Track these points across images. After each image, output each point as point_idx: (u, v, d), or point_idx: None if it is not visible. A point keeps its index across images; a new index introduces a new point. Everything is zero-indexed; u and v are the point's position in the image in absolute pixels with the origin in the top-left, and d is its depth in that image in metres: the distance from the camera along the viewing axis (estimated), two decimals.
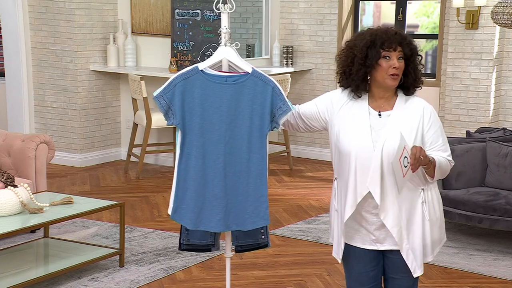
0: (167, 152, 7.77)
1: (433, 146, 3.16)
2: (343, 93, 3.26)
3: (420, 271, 3.21)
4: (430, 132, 3.16)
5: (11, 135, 5.81)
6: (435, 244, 3.25)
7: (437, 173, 3.14)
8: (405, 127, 3.12)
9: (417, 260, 3.20)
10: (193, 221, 3.44)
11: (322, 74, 8.31)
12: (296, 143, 8.46)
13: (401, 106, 3.17)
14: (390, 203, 3.12)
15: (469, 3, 7.15)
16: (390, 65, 3.11)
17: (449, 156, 3.20)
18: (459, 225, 5.89)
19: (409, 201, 3.15)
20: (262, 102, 3.34)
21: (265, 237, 3.59)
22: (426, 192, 3.18)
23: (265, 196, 3.41)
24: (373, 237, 3.21)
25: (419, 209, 3.16)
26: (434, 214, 3.21)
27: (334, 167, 3.28)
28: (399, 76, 3.13)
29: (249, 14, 8.80)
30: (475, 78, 7.28)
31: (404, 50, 3.13)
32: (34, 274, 4.55)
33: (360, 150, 3.11)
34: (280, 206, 6.48)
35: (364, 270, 3.30)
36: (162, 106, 3.36)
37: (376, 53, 3.12)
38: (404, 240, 3.16)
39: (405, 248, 3.17)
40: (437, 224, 3.23)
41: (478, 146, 5.68)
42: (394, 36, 3.14)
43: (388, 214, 3.13)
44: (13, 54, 8.02)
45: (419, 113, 3.15)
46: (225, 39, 3.45)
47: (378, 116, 3.17)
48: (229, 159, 3.39)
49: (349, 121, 3.18)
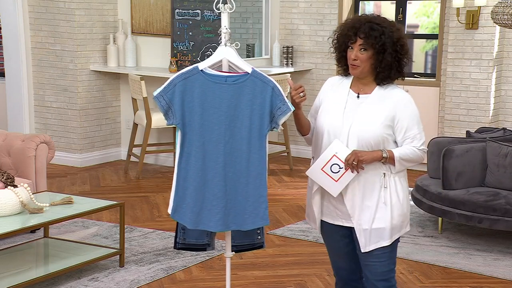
0: (167, 152, 7.77)
1: (407, 134, 3.28)
2: (337, 76, 3.46)
3: (369, 248, 3.31)
4: (404, 121, 3.28)
5: (11, 135, 5.81)
6: (393, 231, 3.33)
7: (398, 165, 3.28)
8: (377, 111, 3.26)
9: (366, 238, 3.32)
10: (193, 220, 3.44)
11: (322, 74, 8.31)
12: (296, 143, 8.46)
13: (380, 92, 3.31)
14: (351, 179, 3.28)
15: (469, 3, 7.15)
16: (349, 56, 3.30)
17: (422, 146, 3.31)
18: (459, 225, 5.89)
19: (368, 182, 3.28)
20: (262, 103, 3.35)
21: (261, 237, 3.62)
22: (388, 178, 3.30)
23: (264, 196, 3.41)
24: (339, 212, 3.36)
25: (376, 192, 3.29)
26: (397, 200, 3.31)
27: (312, 147, 3.45)
28: (359, 67, 3.27)
29: (249, 14, 8.80)
30: (475, 78, 7.28)
31: (368, 41, 3.24)
32: (34, 274, 4.55)
33: (331, 127, 3.29)
34: (280, 206, 6.48)
35: (337, 245, 3.48)
36: (162, 106, 3.37)
37: (342, 42, 3.32)
38: (355, 217, 3.31)
39: (356, 224, 3.32)
40: (398, 212, 3.32)
41: (478, 146, 5.68)
42: (352, 29, 3.27)
43: (348, 190, 3.28)
44: (13, 54, 8.02)
45: (394, 100, 3.28)
46: (225, 39, 3.45)
47: (357, 98, 3.33)
48: (229, 159, 3.39)
49: (330, 102, 3.36)
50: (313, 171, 3.30)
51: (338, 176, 3.24)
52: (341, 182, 3.26)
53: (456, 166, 5.57)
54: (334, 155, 3.23)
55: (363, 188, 3.28)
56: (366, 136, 3.25)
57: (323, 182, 3.29)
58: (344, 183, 3.26)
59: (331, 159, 3.24)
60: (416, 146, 3.29)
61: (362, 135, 3.25)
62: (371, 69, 3.29)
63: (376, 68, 3.28)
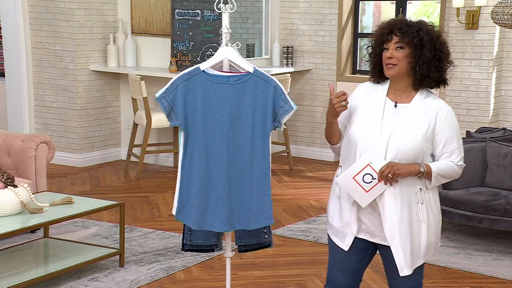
0: (167, 152, 7.77)
1: (446, 148, 3.11)
2: (369, 83, 3.25)
3: (408, 271, 3.15)
4: (444, 134, 3.11)
5: (11, 135, 5.80)
6: (428, 248, 3.18)
7: (434, 181, 3.11)
8: (417, 122, 3.08)
9: (406, 260, 3.13)
10: (197, 221, 3.44)
11: (322, 74, 8.31)
12: (296, 143, 8.46)
13: (419, 102, 3.12)
14: (387, 194, 3.08)
15: (469, 3, 7.15)
16: (385, 56, 3.10)
17: (460, 161, 3.14)
18: (459, 225, 5.89)
19: (405, 198, 3.09)
20: (264, 102, 3.35)
21: (268, 236, 3.59)
22: (424, 193, 3.13)
23: (268, 196, 3.41)
24: (363, 226, 3.17)
25: (415, 208, 3.10)
26: (432, 217, 3.15)
27: (341, 155, 3.24)
28: (396, 66, 3.08)
29: (249, 14, 8.80)
30: (475, 78, 7.28)
31: (404, 38, 3.06)
32: (34, 274, 4.55)
33: (367, 137, 3.09)
34: (280, 206, 6.48)
35: (347, 260, 3.25)
36: (165, 107, 3.36)
37: (377, 46, 3.13)
38: (396, 236, 3.10)
39: (394, 243, 3.12)
40: (433, 228, 3.16)
41: (478, 146, 5.68)
42: (388, 26, 3.11)
43: (385, 205, 3.09)
44: (13, 54, 8.02)
45: (434, 113, 3.10)
46: (226, 39, 3.45)
47: (394, 107, 3.13)
48: (233, 159, 3.40)
49: (365, 109, 3.15)
50: (344, 179, 3.10)
51: (369, 186, 3.05)
52: (371, 193, 3.06)
53: None
54: (369, 165, 3.04)
55: (401, 204, 3.07)
56: (406, 148, 3.05)
57: (352, 191, 3.09)
58: (374, 195, 3.07)
59: (365, 168, 3.04)
60: (454, 162, 3.12)
61: (402, 147, 3.05)
62: (408, 69, 3.08)
63: (414, 68, 3.08)
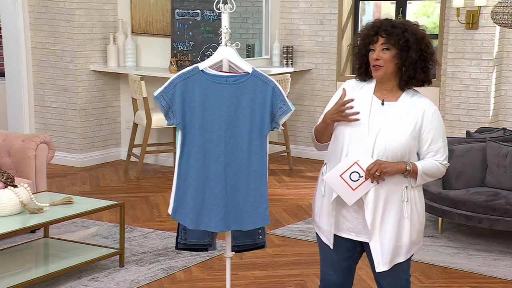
0: (167, 152, 7.77)
1: (432, 146, 3.13)
2: (355, 80, 3.25)
3: (384, 267, 3.16)
4: (430, 133, 3.12)
5: (11, 135, 5.81)
6: (410, 246, 3.19)
7: (420, 179, 3.12)
8: (404, 120, 3.10)
9: (383, 256, 3.15)
10: (193, 220, 3.44)
11: (322, 74, 8.31)
12: (296, 143, 8.46)
13: (406, 100, 3.13)
14: (373, 192, 3.09)
15: (469, 3, 7.15)
16: (372, 57, 3.11)
17: (444, 160, 3.17)
18: (459, 225, 5.89)
19: (390, 195, 3.11)
20: (262, 102, 3.35)
21: (263, 237, 3.61)
22: (409, 191, 3.14)
23: (265, 196, 3.41)
24: (349, 225, 3.18)
25: (399, 206, 3.11)
26: (417, 215, 3.16)
27: (327, 153, 3.24)
28: (382, 67, 3.08)
29: (249, 14, 8.80)
30: (475, 78, 7.28)
31: (390, 40, 3.06)
32: (34, 274, 4.55)
33: (355, 134, 3.10)
34: (280, 206, 6.48)
35: (337, 258, 3.28)
36: (163, 106, 3.37)
37: (363, 46, 3.14)
38: (376, 232, 3.12)
39: (374, 240, 3.13)
40: (417, 227, 3.18)
41: (478, 146, 5.68)
42: (373, 27, 3.11)
43: (369, 202, 3.09)
44: (13, 54, 8.02)
45: (421, 111, 3.11)
46: (225, 39, 3.45)
47: (381, 105, 3.14)
48: (230, 159, 3.39)
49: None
50: (331, 177, 3.10)
51: (356, 184, 3.06)
52: (358, 191, 3.07)
53: (456, 166, 5.56)
54: (356, 163, 3.05)
55: (385, 201, 3.09)
56: (394, 145, 3.06)
57: (339, 189, 3.10)
58: (361, 193, 3.08)
59: (352, 166, 3.05)
60: (439, 160, 3.14)
61: (390, 144, 3.06)
62: (395, 70, 3.09)
63: (400, 69, 3.08)
